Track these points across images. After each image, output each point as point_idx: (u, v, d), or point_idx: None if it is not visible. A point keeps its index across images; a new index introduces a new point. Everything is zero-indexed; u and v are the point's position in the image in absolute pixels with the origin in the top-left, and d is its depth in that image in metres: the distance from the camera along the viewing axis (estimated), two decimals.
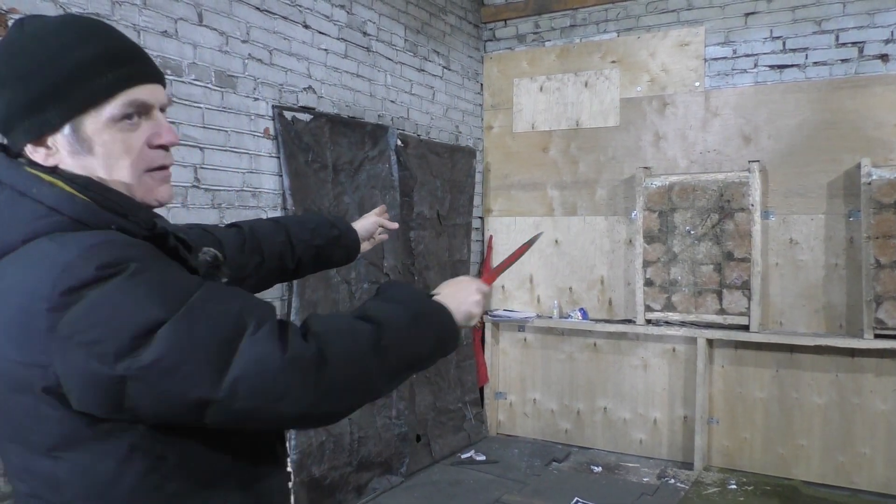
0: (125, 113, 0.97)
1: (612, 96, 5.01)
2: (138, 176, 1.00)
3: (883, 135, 4.20)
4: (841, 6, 4.30)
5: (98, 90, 0.96)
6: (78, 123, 0.96)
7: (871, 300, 4.08)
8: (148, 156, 1.01)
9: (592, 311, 5.08)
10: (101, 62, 0.96)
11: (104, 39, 0.99)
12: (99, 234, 0.92)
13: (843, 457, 4.29)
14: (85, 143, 0.97)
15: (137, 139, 0.99)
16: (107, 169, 0.98)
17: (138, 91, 0.99)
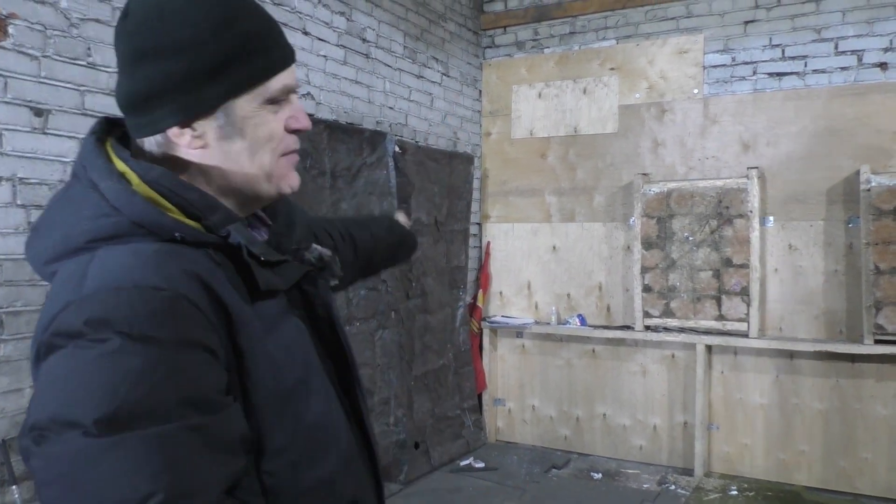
0: (275, 98, 0.90)
1: (611, 103, 5.01)
2: (276, 161, 0.93)
3: (882, 142, 4.21)
4: (840, 14, 4.32)
5: (263, 69, 0.88)
6: (232, 105, 0.87)
7: (870, 306, 4.08)
8: (285, 140, 0.93)
9: (591, 318, 5.07)
10: (266, 39, 0.89)
11: (262, 15, 0.91)
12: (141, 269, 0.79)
13: (845, 462, 4.28)
14: (236, 127, 0.88)
15: (279, 123, 0.92)
16: (251, 154, 0.90)
17: (289, 73, 0.92)
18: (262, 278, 0.88)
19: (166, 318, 0.77)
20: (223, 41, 0.86)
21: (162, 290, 0.78)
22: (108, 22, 2.76)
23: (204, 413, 0.75)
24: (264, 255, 0.89)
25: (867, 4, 4.25)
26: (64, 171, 2.63)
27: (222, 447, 0.76)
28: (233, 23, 0.87)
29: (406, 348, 4.49)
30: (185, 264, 0.82)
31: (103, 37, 2.74)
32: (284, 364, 0.89)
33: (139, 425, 0.71)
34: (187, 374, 0.76)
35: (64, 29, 2.61)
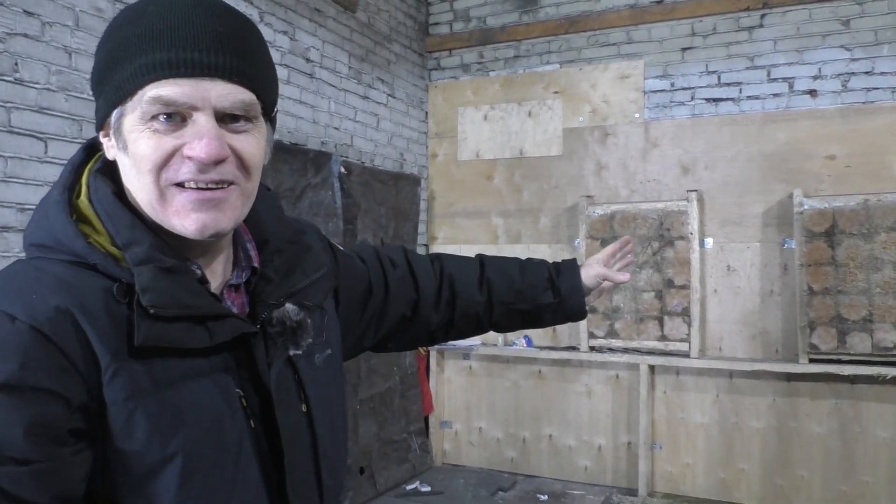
0: (150, 112, 0.77)
1: (555, 126, 5.08)
2: (162, 188, 0.79)
3: (813, 166, 4.36)
4: (772, 43, 4.48)
5: (125, 79, 0.78)
6: (121, 116, 0.79)
7: (804, 326, 4.19)
8: (176, 166, 0.78)
9: (537, 339, 5.09)
10: (136, 44, 0.77)
11: (158, 15, 0.78)
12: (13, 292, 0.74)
13: (782, 480, 4.37)
14: (122, 140, 0.80)
15: (166, 144, 0.78)
16: (136, 173, 0.79)
17: (169, 85, 0.76)
18: (140, 332, 0.75)
19: (8, 353, 0.70)
20: (108, 44, 0.81)
21: (16, 321, 0.72)
22: (37, 37, 2.67)
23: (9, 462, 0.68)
24: (158, 308, 0.76)
25: (797, 34, 4.41)
26: None
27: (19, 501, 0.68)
28: (123, 24, 0.80)
29: (352, 371, 4.42)
30: (66, 297, 0.74)
31: (32, 52, 2.65)
32: (163, 431, 0.76)
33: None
34: (5, 416, 0.69)
35: None
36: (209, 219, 0.80)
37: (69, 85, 2.80)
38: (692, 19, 4.68)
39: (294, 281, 0.93)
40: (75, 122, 2.82)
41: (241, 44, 0.81)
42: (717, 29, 4.62)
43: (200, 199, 0.79)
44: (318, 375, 0.95)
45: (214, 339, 0.81)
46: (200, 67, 0.77)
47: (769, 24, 4.49)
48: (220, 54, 0.78)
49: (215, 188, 0.80)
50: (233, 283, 0.90)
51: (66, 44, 2.78)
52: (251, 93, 0.81)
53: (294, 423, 0.89)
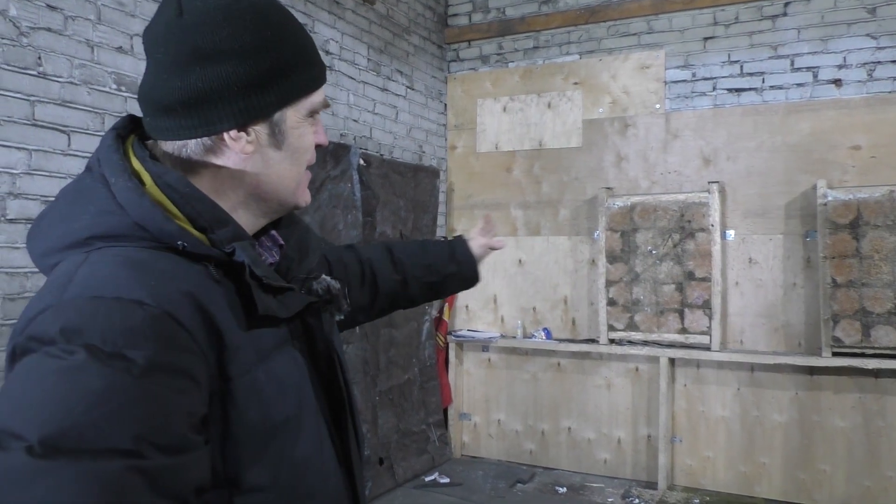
0: (317, 110, 0.93)
1: (575, 117, 5.05)
2: (303, 173, 0.94)
3: (837, 157, 4.29)
4: (796, 32, 4.41)
5: (311, 81, 0.90)
6: (282, 116, 0.88)
7: (828, 319, 4.14)
8: (312, 153, 0.95)
9: (556, 331, 5.07)
10: (313, 52, 0.92)
11: (300, 33, 0.91)
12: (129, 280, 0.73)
13: (804, 474, 4.32)
14: (284, 136, 0.88)
15: (312, 136, 0.94)
16: (291, 163, 0.90)
17: (322, 93, 0.94)
18: (261, 302, 0.81)
19: (144, 338, 0.70)
20: (282, 50, 0.87)
21: (146, 306, 0.71)
22: (60, 31, 2.70)
23: (160, 454, 0.66)
24: (267, 278, 0.83)
25: (821, 22, 4.34)
26: (13, 184, 2.56)
27: (170, 495, 0.66)
28: (290, 34, 0.88)
29: (371, 363, 4.44)
30: (181, 279, 0.77)
31: (55, 46, 2.68)
32: (274, 398, 0.82)
33: (83, 455, 0.62)
34: (154, 406, 0.67)
35: (13, 38, 2.55)
36: (309, 193, 0.97)
37: (92, 78, 2.82)
38: (714, 8, 4.62)
39: (310, 259, 1.01)
40: (98, 115, 2.85)
41: None
42: (740, 18, 4.56)
43: (309, 177, 0.96)
44: (338, 337, 1.05)
45: (290, 309, 0.87)
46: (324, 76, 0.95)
47: (793, 12, 4.42)
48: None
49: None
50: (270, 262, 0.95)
51: (88, 38, 2.81)
52: None
53: (345, 393, 0.98)
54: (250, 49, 0.84)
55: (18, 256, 2.58)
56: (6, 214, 2.54)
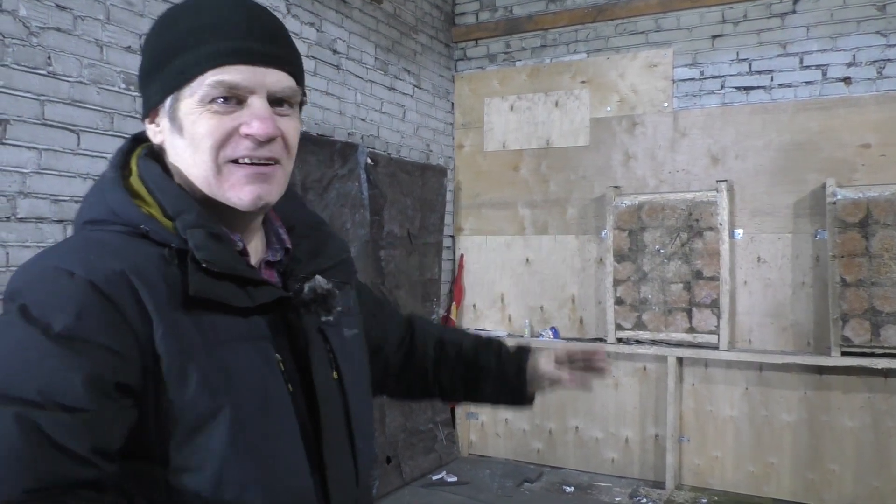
0: (210, 95, 0.86)
1: (583, 116, 5.04)
2: (219, 165, 0.88)
3: (846, 155, 4.27)
4: (805, 30, 4.39)
5: (187, 66, 0.86)
6: (175, 101, 0.88)
7: (837, 318, 4.12)
8: (232, 144, 0.87)
9: (563, 330, 5.07)
10: (195, 36, 0.87)
11: (212, 11, 0.88)
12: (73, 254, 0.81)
13: (813, 474, 4.31)
14: (177, 123, 0.88)
15: (225, 124, 0.86)
16: (192, 152, 0.88)
17: (231, 71, 0.86)
18: (193, 284, 0.83)
19: (66, 305, 0.76)
20: (164, 37, 0.89)
21: (74, 276, 0.78)
22: (69, 31, 2.71)
23: (59, 409, 0.72)
24: (210, 263, 0.84)
25: (830, 20, 4.32)
26: (23, 183, 2.58)
27: (63, 448, 0.72)
28: (178, 19, 0.89)
29: None
30: (123, 258, 0.81)
31: (64, 46, 2.70)
32: (213, 386, 0.81)
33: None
34: (61, 365, 0.74)
35: (23, 38, 2.57)
36: (262, 190, 0.89)
37: (101, 78, 2.84)
38: (722, 6, 4.60)
39: (320, 261, 1.01)
40: (107, 114, 2.86)
41: (286, 38, 0.92)
42: (748, 16, 4.54)
43: (254, 173, 0.88)
44: (346, 347, 1.02)
45: (255, 300, 0.88)
46: (259, 56, 0.87)
47: (802, 10, 4.40)
48: (274, 45, 0.89)
49: (266, 164, 0.89)
50: (269, 260, 0.99)
51: (97, 37, 2.82)
52: (294, 80, 0.91)
53: (327, 387, 0.96)
54: (148, 37, 0.91)
55: (29, 254, 2.58)
56: (17, 213, 2.56)
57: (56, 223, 2.69)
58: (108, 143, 2.87)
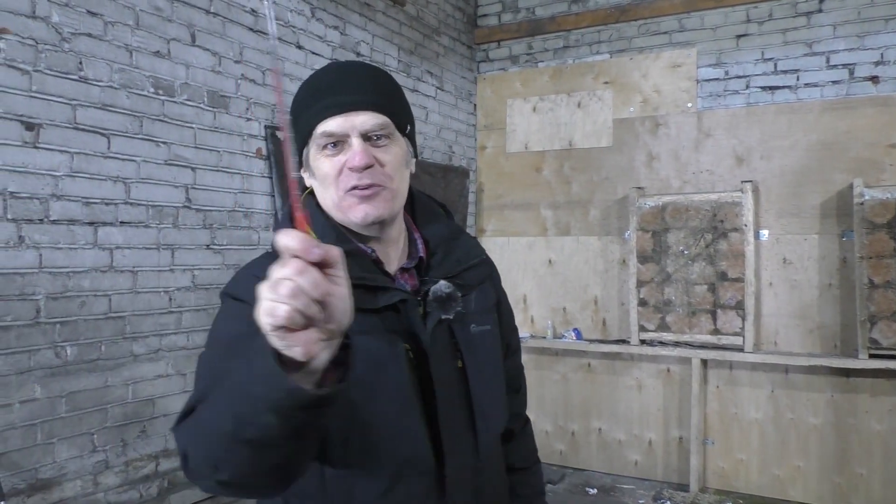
0: (321, 143, 1.11)
1: (605, 117, 5.03)
2: (341, 196, 1.12)
3: (874, 155, 4.22)
4: (831, 29, 4.34)
5: (302, 127, 1.14)
6: (307, 154, 1.15)
7: (865, 320, 4.07)
8: (343, 178, 1.11)
9: (586, 332, 5.06)
10: (301, 106, 1.14)
11: (311, 84, 1.16)
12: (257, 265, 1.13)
13: (840, 478, 4.26)
14: (310, 169, 1.16)
15: (336, 164, 1.11)
16: (323, 189, 1.14)
17: (328, 123, 1.10)
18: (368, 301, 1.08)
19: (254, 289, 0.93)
20: (292, 110, 1.16)
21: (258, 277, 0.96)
22: (100, 36, 2.77)
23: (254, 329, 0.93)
24: (361, 279, 1.05)
25: (858, 18, 4.27)
26: (55, 186, 2.63)
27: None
28: (297, 94, 1.17)
29: None
30: None
31: (95, 51, 2.75)
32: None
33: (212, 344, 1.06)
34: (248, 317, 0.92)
35: (55, 43, 2.62)
36: (369, 209, 1.12)
37: (130, 82, 2.89)
38: (747, 5, 4.56)
39: (450, 266, 1.22)
40: (136, 118, 2.91)
41: (374, 84, 1.14)
42: (774, 15, 4.50)
43: (361, 196, 1.11)
44: (473, 340, 1.21)
45: (378, 302, 1.11)
46: (349, 105, 1.11)
47: (828, 8, 4.35)
48: (359, 94, 1.12)
49: (367, 187, 1.11)
50: (405, 267, 1.20)
51: (127, 42, 2.87)
52: (385, 116, 1.12)
53: (447, 374, 1.16)
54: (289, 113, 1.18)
55: (61, 256, 2.65)
56: (49, 216, 2.61)
57: (87, 225, 2.74)
58: (138, 147, 2.92)
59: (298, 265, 0.71)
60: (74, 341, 2.70)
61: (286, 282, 0.71)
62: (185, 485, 3.12)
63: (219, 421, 0.85)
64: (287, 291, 0.70)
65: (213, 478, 0.90)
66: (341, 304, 0.75)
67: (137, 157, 2.93)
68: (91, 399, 2.76)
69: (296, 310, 0.70)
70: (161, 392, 3.04)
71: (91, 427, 2.76)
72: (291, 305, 0.70)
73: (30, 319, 2.56)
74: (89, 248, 2.75)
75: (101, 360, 2.80)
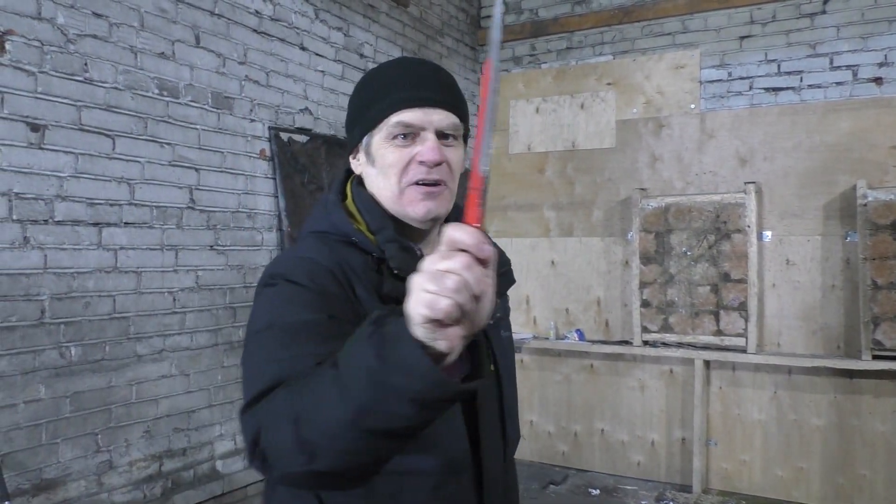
0: (393, 133, 1.12)
1: (608, 118, 5.03)
2: (402, 188, 1.13)
3: (878, 157, 4.22)
4: (835, 30, 4.34)
5: (377, 112, 1.13)
6: (370, 139, 1.15)
7: (868, 321, 4.07)
8: (411, 170, 1.12)
9: (589, 333, 5.06)
10: (376, 93, 1.15)
11: (386, 74, 1.17)
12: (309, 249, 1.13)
13: (843, 479, 4.25)
14: (371, 157, 1.16)
15: (405, 155, 1.12)
16: (382, 178, 1.15)
17: (405, 114, 1.11)
18: (387, 284, 1.09)
19: (314, 277, 1.06)
20: (362, 93, 1.18)
21: (313, 260, 1.09)
22: (105, 38, 2.78)
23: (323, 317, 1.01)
24: (400, 270, 1.08)
25: (861, 20, 4.27)
26: (60, 186, 2.64)
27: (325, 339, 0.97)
28: (369, 81, 1.18)
29: None
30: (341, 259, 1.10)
31: (100, 52, 2.76)
32: None
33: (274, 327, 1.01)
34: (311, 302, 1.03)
35: (61, 45, 2.63)
36: (432, 205, 1.13)
37: (135, 84, 2.90)
38: (750, 7, 4.57)
39: None
40: (141, 119, 2.92)
41: (451, 86, 1.17)
42: (777, 16, 4.50)
43: (426, 192, 1.13)
44: (503, 345, 1.25)
45: None
46: (429, 100, 1.13)
47: (832, 10, 4.35)
48: (440, 92, 1.14)
49: (434, 185, 1.13)
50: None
51: (132, 44, 2.88)
52: (457, 118, 1.15)
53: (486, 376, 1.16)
54: (352, 94, 1.21)
55: (66, 257, 2.66)
56: (54, 216, 2.63)
57: (92, 226, 2.75)
58: (142, 148, 2.93)
59: (466, 260, 0.69)
60: (79, 342, 2.71)
61: (452, 276, 0.69)
62: (188, 485, 3.13)
63: (329, 408, 0.80)
64: (453, 285, 0.68)
65: (305, 466, 0.84)
66: (489, 304, 0.73)
67: (142, 158, 2.94)
68: (95, 399, 2.77)
69: (457, 304, 0.69)
70: (165, 392, 3.05)
71: (95, 427, 2.77)
72: (454, 300, 0.68)
73: (35, 320, 2.57)
74: (94, 248, 2.76)
75: (105, 361, 2.81)
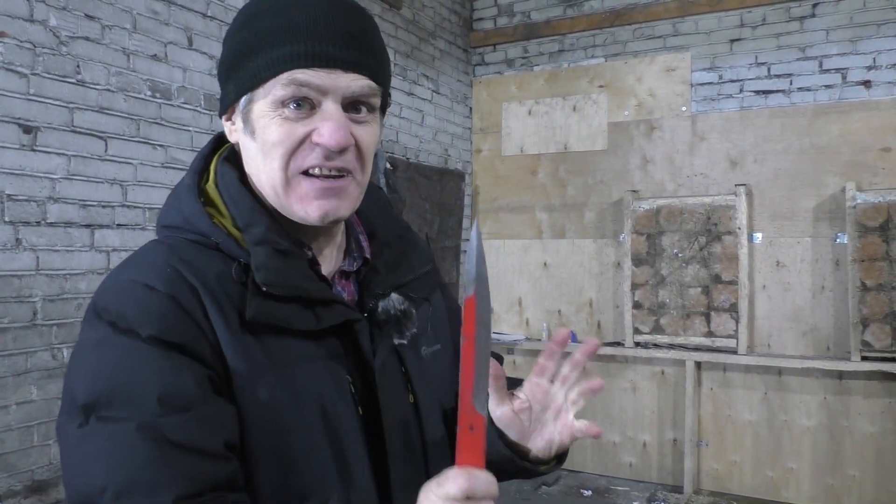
0: (282, 97, 0.80)
1: (600, 120, 5.05)
2: (289, 176, 0.82)
3: (867, 159, 4.25)
4: (824, 33, 4.38)
5: (260, 68, 0.81)
6: (249, 102, 0.83)
7: (857, 322, 4.10)
8: (303, 153, 0.81)
9: (581, 334, 5.08)
10: (271, 36, 0.81)
11: (291, 10, 0.82)
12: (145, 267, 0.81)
13: (833, 479, 4.28)
14: (249, 125, 0.84)
15: (296, 131, 0.81)
16: (262, 158, 0.83)
17: (301, 73, 0.80)
18: (251, 308, 0.79)
19: (151, 316, 0.76)
20: (243, 34, 0.84)
21: (154, 291, 0.78)
22: (98, 40, 2.78)
23: (174, 411, 0.73)
24: (270, 286, 0.80)
25: (850, 23, 4.31)
26: (53, 188, 2.64)
27: (192, 448, 0.72)
28: (258, 16, 0.83)
29: None
30: (194, 275, 0.80)
31: (92, 54, 2.76)
32: (283, 404, 0.80)
33: (108, 416, 0.72)
34: (161, 371, 0.74)
35: (53, 47, 2.63)
36: (330, 206, 0.83)
37: (128, 85, 2.90)
38: (741, 10, 4.60)
39: (401, 274, 0.95)
40: (133, 121, 2.92)
41: (368, 42, 0.84)
42: (767, 19, 4.54)
43: (324, 188, 0.82)
44: (424, 367, 0.95)
45: (321, 322, 0.83)
46: (334, 60, 0.80)
47: (821, 13, 4.39)
48: (351, 50, 0.81)
49: (337, 177, 0.83)
50: (344, 270, 0.93)
51: (124, 46, 2.88)
52: (375, 83, 0.84)
53: (400, 411, 0.90)
54: (230, 29, 0.87)
55: (58, 259, 2.66)
56: (46, 218, 2.62)
57: (84, 227, 2.75)
58: (135, 150, 2.93)
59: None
60: (71, 343, 2.71)
61: None
62: None
63: None
64: None
65: None
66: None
67: (134, 160, 2.94)
68: None
69: None
70: None
71: None
72: None
73: (27, 321, 2.57)
74: (86, 250, 2.76)
75: None
